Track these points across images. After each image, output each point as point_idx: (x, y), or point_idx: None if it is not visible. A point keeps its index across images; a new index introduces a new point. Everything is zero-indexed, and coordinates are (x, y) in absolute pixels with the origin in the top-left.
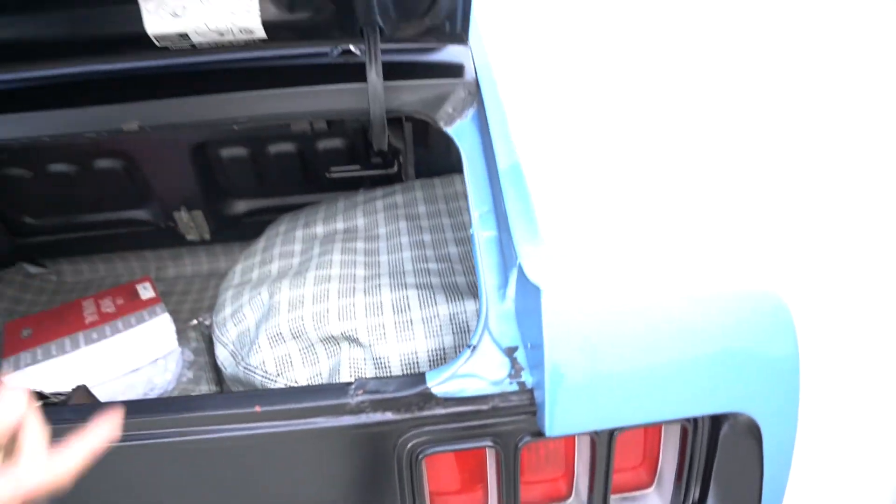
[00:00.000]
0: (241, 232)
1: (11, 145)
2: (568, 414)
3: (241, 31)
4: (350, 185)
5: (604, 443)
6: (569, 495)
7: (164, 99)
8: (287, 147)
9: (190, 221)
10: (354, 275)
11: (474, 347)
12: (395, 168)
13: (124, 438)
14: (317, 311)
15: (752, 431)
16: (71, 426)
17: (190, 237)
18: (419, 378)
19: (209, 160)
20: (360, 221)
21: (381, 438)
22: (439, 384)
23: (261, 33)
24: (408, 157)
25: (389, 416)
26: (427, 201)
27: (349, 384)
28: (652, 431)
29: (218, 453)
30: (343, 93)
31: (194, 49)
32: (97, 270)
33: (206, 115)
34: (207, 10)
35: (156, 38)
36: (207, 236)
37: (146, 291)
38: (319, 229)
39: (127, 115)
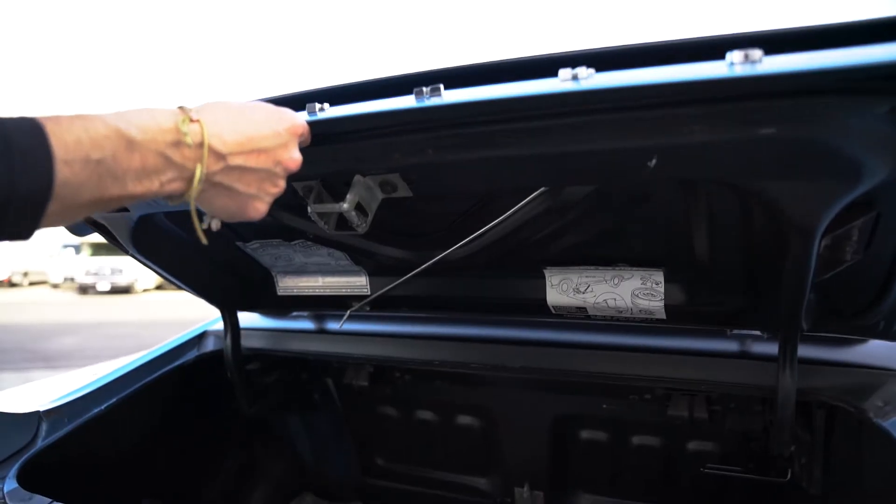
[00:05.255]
0: None
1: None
2: None
3: (640, 312)
4: (725, 497)
5: None
6: None
7: (550, 347)
8: (652, 440)
9: (529, 502)
10: None
11: None
12: (788, 476)
13: None
14: None
15: None
16: None
17: None
18: None
19: (566, 437)
20: None
21: None
22: None
23: (661, 315)
24: (816, 458)
25: None
26: None
27: None
28: None
29: None
30: (746, 367)
31: (587, 319)
32: None
33: (587, 367)
34: (613, 291)
35: (553, 307)
36: None
37: None
38: None
39: (514, 357)
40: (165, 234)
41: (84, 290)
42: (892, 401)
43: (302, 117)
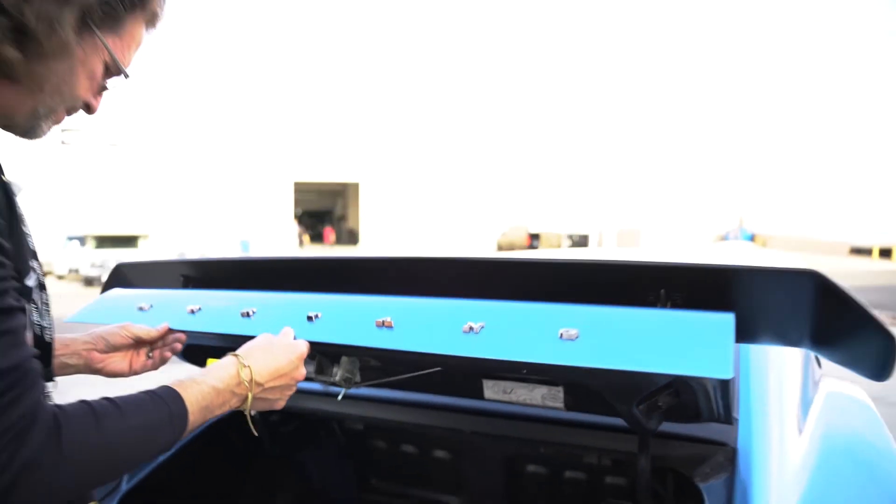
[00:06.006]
0: None
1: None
2: None
3: (548, 406)
4: None
5: None
6: None
7: (490, 416)
8: (579, 475)
9: None
10: None
11: None
12: None
13: None
14: None
15: None
16: None
17: None
18: None
19: (516, 470)
20: None
21: None
22: None
23: (562, 408)
24: (668, 501)
25: None
26: None
27: None
28: None
29: None
30: (619, 438)
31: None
32: None
33: (513, 434)
34: (529, 394)
35: (488, 399)
36: None
37: None
38: None
39: (461, 423)
40: None
41: (89, 281)
42: (715, 468)
43: (304, 344)
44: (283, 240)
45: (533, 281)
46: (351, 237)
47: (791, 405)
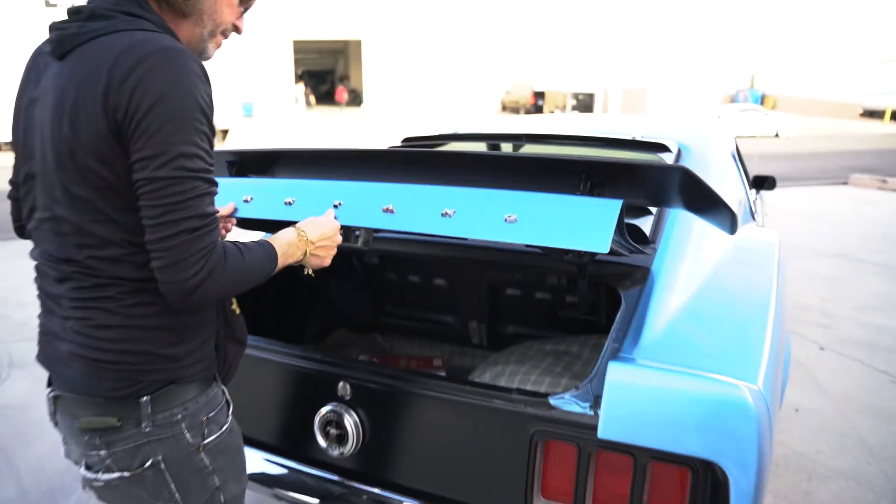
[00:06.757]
0: (507, 344)
1: (398, 256)
2: (612, 426)
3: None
4: (575, 328)
5: (640, 465)
6: None
7: (476, 249)
8: (545, 295)
9: (476, 330)
10: (551, 370)
11: (578, 388)
12: (597, 318)
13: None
14: (523, 379)
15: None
16: None
17: (474, 341)
18: (545, 396)
19: (497, 293)
20: (574, 349)
21: (521, 423)
22: (554, 401)
23: (523, 245)
24: (602, 309)
25: (528, 409)
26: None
27: (514, 389)
28: (678, 478)
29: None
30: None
31: None
32: (414, 347)
33: (494, 259)
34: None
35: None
36: (485, 343)
37: (437, 361)
38: (548, 347)
39: (456, 252)
40: None
41: None
42: (633, 282)
43: (337, 223)
44: (285, 101)
45: (497, 170)
46: (354, 98)
47: (707, 242)
